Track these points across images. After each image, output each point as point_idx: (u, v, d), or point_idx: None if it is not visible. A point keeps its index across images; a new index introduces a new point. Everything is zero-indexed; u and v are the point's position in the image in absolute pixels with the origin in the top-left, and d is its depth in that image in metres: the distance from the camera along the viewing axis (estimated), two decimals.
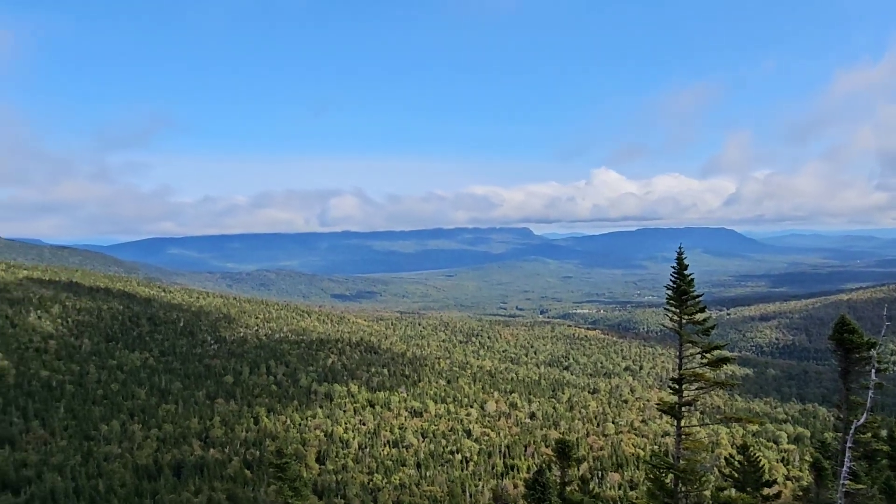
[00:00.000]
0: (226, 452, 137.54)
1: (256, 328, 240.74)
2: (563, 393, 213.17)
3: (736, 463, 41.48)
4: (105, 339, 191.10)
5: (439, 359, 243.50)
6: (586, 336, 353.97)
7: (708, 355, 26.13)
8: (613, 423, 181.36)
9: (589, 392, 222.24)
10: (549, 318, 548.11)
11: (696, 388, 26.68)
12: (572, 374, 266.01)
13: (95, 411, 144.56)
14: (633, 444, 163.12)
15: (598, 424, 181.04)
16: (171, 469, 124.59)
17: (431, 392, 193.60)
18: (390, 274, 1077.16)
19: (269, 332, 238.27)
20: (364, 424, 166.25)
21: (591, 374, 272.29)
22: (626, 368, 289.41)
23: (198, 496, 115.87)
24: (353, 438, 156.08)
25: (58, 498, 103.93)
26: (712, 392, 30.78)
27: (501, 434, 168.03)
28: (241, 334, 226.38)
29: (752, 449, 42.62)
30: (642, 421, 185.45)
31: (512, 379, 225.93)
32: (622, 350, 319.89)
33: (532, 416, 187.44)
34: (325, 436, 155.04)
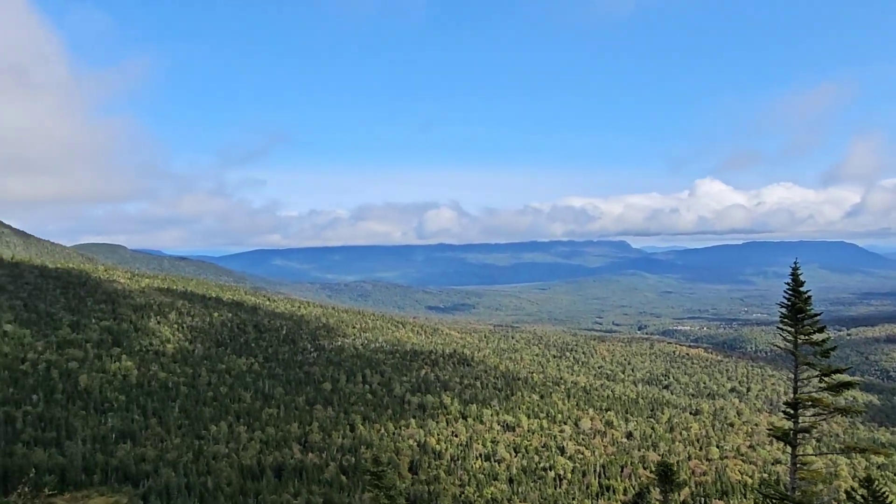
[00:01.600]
0: (323, 457, 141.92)
1: (353, 338, 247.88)
2: (663, 413, 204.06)
3: (859, 497, 37.73)
4: (215, 344, 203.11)
5: (532, 373, 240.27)
6: (688, 354, 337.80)
7: (827, 379, 23.96)
8: (718, 447, 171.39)
9: (690, 413, 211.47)
10: (647, 334, 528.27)
11: (813, 414, 24.54)
12: (672, 394, 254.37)
13: (206, 412, 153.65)
14: (739, 471, 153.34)
15: (700, 448, 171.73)
16: (273, 470, 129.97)
17: (524, 406, 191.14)
18: (484, 286, 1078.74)
19: (366, 341, 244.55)
20: (456, 436, 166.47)
21: (692, 395, 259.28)
22: (732, 390, 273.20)
23: (297, 498, 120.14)
24: (446, 450, 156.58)
25: (172, 492, 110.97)
26: (831, 419, 28.12)
27: (597, 453, 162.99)
28: (339, 343, 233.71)
29: (877, 483, 38.67)
30: (750, 446, 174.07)
31: (608, 396, 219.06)
32: (727, 370, 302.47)
33: (629, 435, 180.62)
34: (418, 446, 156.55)
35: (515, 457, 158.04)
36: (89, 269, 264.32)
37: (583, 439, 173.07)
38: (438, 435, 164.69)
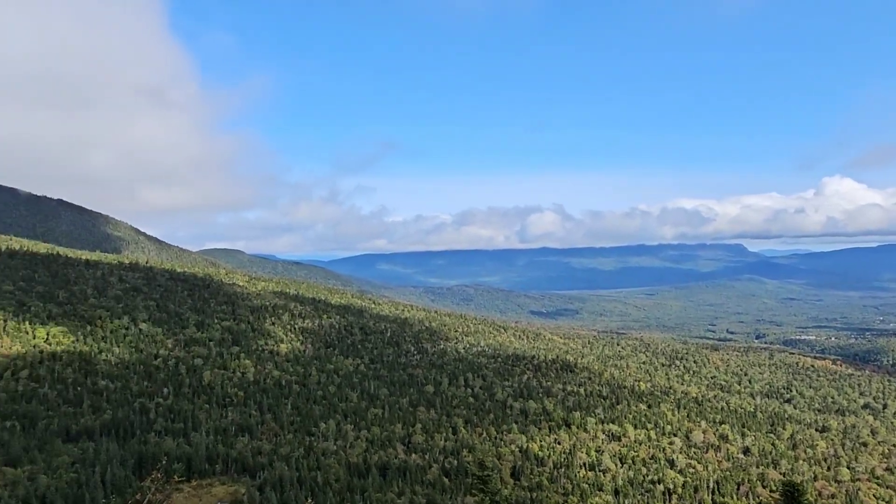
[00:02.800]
0: (426, 458, 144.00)
1: (456, 341, 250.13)
2: (784, 429, 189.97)
3: None
4: (325, 345, 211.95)
5: (639, 381, 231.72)
6: (813, 366, 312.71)
7: None
8: (849, 468, 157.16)
9: (817, 430, 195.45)
10: (766, 343, 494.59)
11: None
12: (795, 408, 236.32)
13: (315, 410, 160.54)
14: (874, 496, 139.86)
15: (828, 468, 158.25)
16: (378, 469, 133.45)
17: (630, 416, 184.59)
18: (588, 291, 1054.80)
19: (468, 345, 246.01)
20: (559, 444, 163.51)
21: (818, 410, 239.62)
22: (865, 406, 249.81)
23: (401, 498, 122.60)
24: (548, 457, 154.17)
25: (285, 485, 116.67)
26: None
27: (709, 468, 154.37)
28: (442, 347, 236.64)
29: None
30: (887, 469, 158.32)
31: (722, 408, 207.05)
32: (860, 384, 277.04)
33: (746, 451, 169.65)
34: (520, 451, 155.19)
35: (621, 467, 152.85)
36: (212, 273, 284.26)
37: (694, 453, 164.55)
38: (541, 441, 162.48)
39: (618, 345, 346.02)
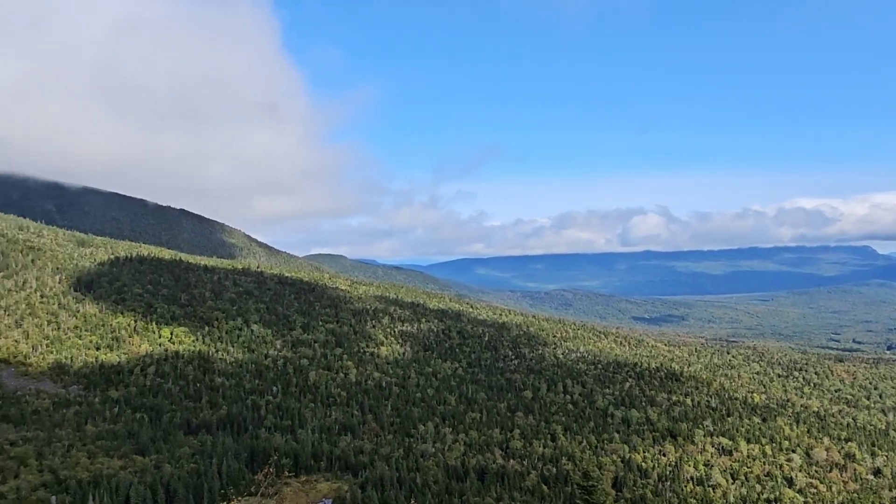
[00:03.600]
0: (524, 465, 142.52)
1: (554, 346, 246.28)
2: None
3: None
4: (423, 348, 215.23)
5: (753, 392, 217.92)
6: None
7: None
8: None
9: None
10: None
11: None
12: None
13: (414, 412, 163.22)
14: None
15: None
16: (476, 473, 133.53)
17: (743, 429, 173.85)
18: (695, 297, 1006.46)
19: (567, 351, 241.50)
20: (664, 455, 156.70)
21: None
22: None
23: (499, 503, 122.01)
24: (653, 469, 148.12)
25: (385, 484, 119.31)
26: None
27: (834, 489, 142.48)
28: (540, 352, 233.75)
29: None
30: None
31: (848, 425, 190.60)
32: None
33: (877, 472, 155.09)
34: (622, 462, 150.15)
35: (733, 484, 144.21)
36: (317, 278, 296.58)
37: (816, 471, 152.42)
38: (644, 452, 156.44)
39: (728, 353, 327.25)
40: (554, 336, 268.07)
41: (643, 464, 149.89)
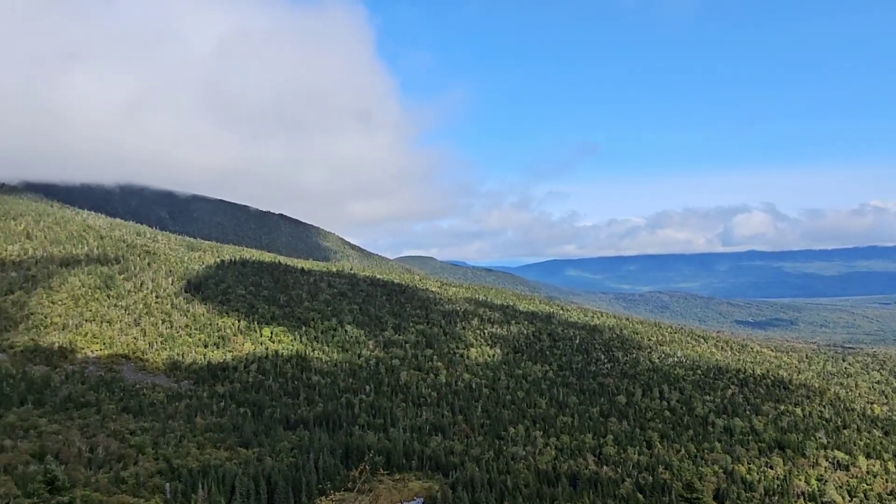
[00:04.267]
0: (618, 472, 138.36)
1: (649, 350, 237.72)
2: None
3: None
4: (513, 350, 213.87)
5: (873, 404, 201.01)
6: None
7: None
8: None
9: None
10: None
11: None
12: None
13: (505, 414, 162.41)
14: None
15: None
16: (568, 478, 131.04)
17: (861, 443, 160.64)
18: (805, 299, 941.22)
19: (663, 355, 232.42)
20: (771, 468, 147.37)
21: None
22: None
23: None
24: (759, 482, 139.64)
25: (475, 486, 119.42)
26: None
27: None
28: (634, 356, 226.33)
29: None
30: None
31: None
32: None
33: None
34: (724, 473, 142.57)
35: (850, 501, 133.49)
36: (407, 280, 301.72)
37: None
38: (749, 464, 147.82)
39: (843, 360, 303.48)
40: (649, 339, 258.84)
41: (748, 476, 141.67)
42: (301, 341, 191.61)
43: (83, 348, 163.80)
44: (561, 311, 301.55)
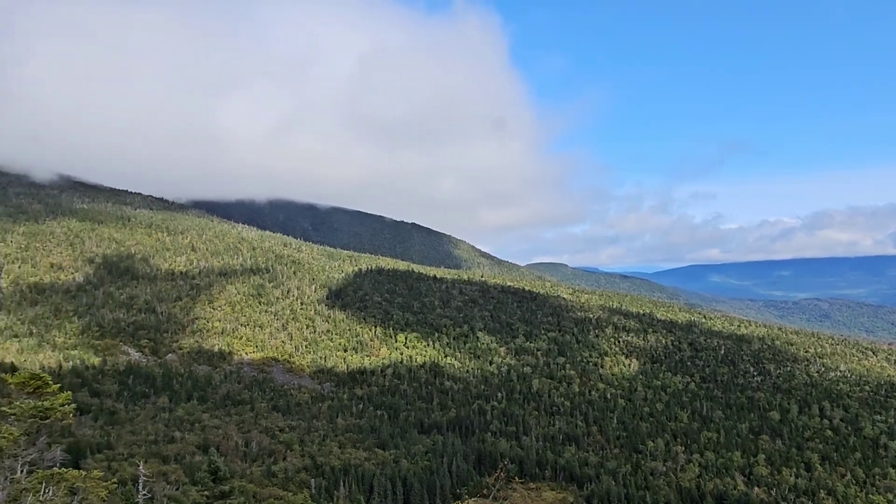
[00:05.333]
0: (772, 495, 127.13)
1: (807, 363, 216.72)
2: None
3: None
4: (650, 360, 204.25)
5: None
6: None
7: None
8: None
9: None
10: None
11: None
12: None
13: (642, 427, 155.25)
14: None
15: None
16: (714, 498, 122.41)
17: None
18: None
19: (823, 368, 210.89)
20: None
21: None
22: None
23: None
24: None
25: (612, 499, 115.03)
26: None
27: None
28: (789, 369, 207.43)
29: None
30: None
31: None
32: None
33: None
34: None
35: None
36: (539, 286, 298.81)
37: None
38: None
39: None
40: (806, 351, 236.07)
41: None
42: (434, 347, 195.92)
43: (239, 350, 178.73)
44: (703, 320, 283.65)
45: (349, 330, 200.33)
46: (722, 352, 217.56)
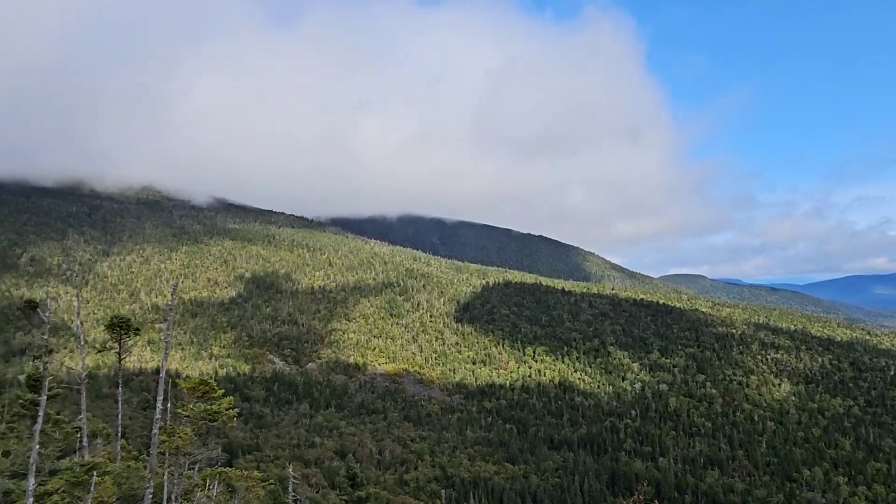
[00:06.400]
0: None
1: None
2: None
3: None
4: (804, 380, 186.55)
5: None
6: None
7: None
8: None
9: None
10: None
11: None
12: None
13: (796, 453, 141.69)
14: None
15: None
16: None
17: None
18: None
19: None
20: None
21: None
22: None
23: None
24: None
25: None
26: None
27: None
28: None
29: None
30: None
31: None
32: None
33: None
34: None
35: None
36: (674, 300, 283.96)
37: None
38: None
39: None
40: None
41: None
42: (563, 361, 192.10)
43: (372, 361, 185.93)
44: (868, 337, 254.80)
45: (477, 343, 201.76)
46: (892, 372, 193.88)
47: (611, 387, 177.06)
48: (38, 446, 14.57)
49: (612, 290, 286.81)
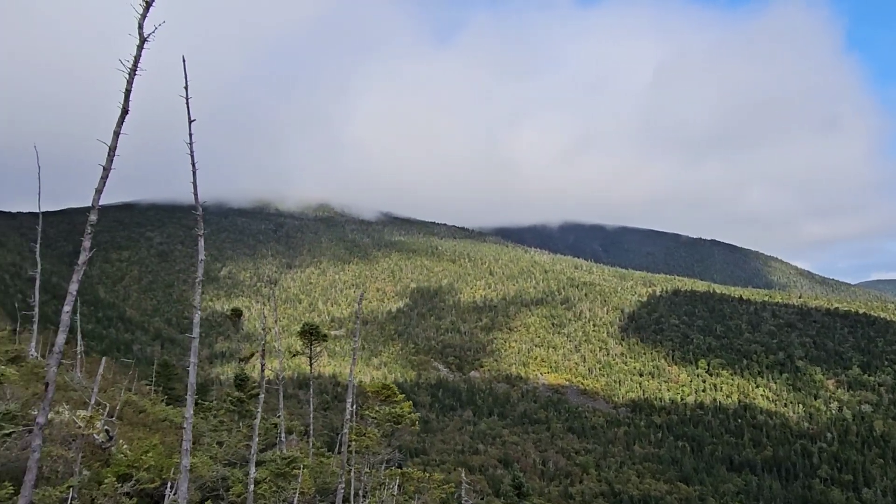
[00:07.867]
0: None
1: None
2: None
3: None
4: None
5: None
6: None
7: None
8: None
9: None
10: None
11: None
12: None
13: None
14: None
15: None
16: None
17: None
18: None
19: None
20: None
21: None
22: None
23: None
24: None
25: None
26: None
27: None
28: None
29: None
30: None
31: None
32: None
33: None
34: None
35: None
36: (877, 309, 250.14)
37: None
38: None
39: None
40: None
41: None
42: (742, 376, 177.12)
43: (534, 370, 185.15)
44: None
45: (644, 354, 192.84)
46: None
47: (800, 406, 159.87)
48: (257, 439, 16.49)
49: (801, 297, 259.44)
